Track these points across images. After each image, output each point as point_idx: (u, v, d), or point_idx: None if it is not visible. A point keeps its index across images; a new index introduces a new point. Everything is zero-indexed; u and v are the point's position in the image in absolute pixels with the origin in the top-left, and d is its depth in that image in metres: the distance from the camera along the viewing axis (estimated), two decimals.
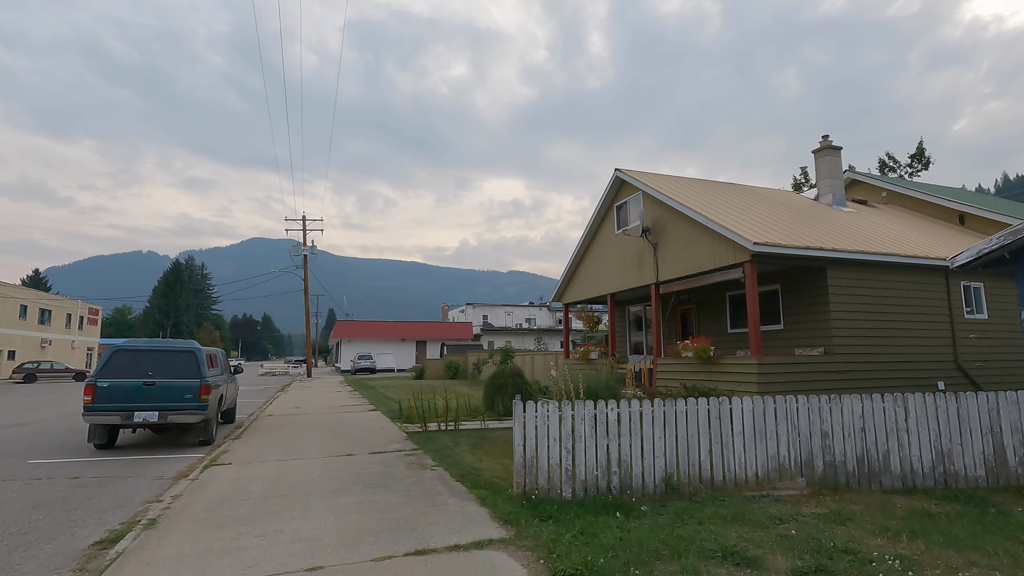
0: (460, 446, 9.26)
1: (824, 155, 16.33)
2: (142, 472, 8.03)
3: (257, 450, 9.28)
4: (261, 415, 14.97)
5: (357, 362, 46.87)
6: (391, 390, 24.68)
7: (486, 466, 7.69)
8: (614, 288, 15.35)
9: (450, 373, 35.09)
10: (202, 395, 9.75)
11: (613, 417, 5.89)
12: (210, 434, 10.27)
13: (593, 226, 16.39)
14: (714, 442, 5.99)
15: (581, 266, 17.29)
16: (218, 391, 10.69)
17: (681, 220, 12.52)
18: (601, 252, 16.10)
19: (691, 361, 11.79)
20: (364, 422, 12.98)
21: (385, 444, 9.69)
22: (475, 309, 67.57)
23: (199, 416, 9.72)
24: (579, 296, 17.46)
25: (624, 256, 14.85)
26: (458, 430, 11.22)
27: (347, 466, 7.79)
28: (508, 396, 14.30)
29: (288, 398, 20.95)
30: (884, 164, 37.90)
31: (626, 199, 14.93)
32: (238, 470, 7.66)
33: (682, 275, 12.55)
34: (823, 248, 10.89)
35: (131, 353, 9.75)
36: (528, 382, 14.94)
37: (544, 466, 5.73)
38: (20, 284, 75.40)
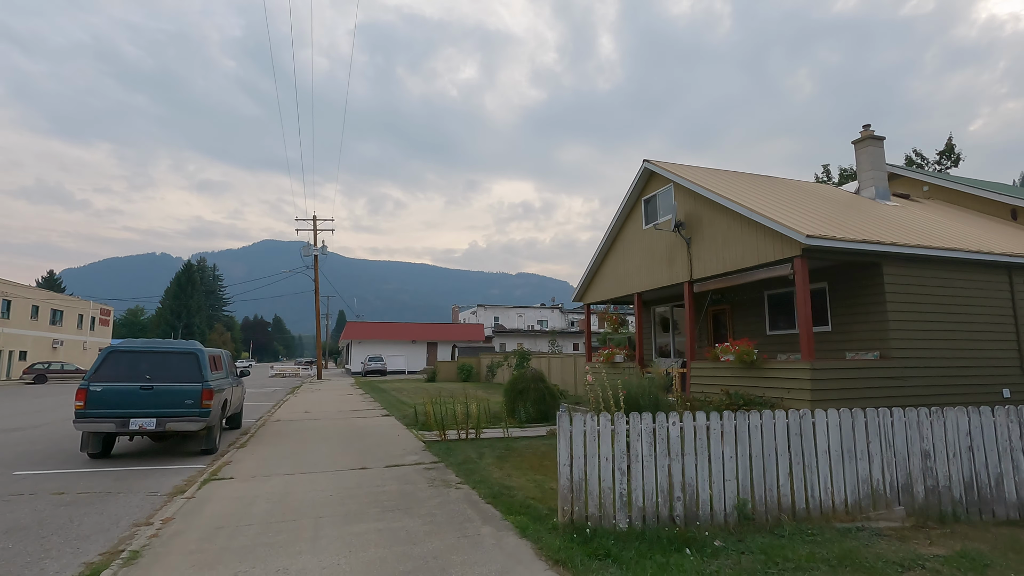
0: (485, 458, 8.40)
1: (866, 145, 15.30)
2: (135, 487, 7.25)
3: (263, 461, 8.48)
4: (269, 420, 14.21)
5: (368, 364, 46.23)
6: (403, 393, 23.90)
7: (517, 484, 6.82)
8: (642, 287, 14.43)
9: (463, 376, 34.28)
10: (204, 400, 8.97)
11: (675, 432, 5.00)
12: (213, 443, 9.49)
13: (618, 222, 15.48)
14: (794, 463, 5.07)
15: (605, 264, 16.39)
16: (222, 396, 9.92)
17: (719, 213, 11.60)
18: (627, 249, 15.19)
19: (732, 365, 10.84)
20: (378, 429, 12.16)
21: (402, 455, 8.84)
22: (486, 311, 66.78)
23: (200, 423, 8.94)
24: (602, 296, 16.55)
25: (653, 253, 13.94)
26: (480, 439, 10.36)
27: (361, 482, 6.95)
28: (530, 402, 13.45)
29: (298, 401, 20.23)
30: (911, 161, 36.62)
31: (655, 192, 14.01)
32: (240, 486, 6.85)
33: (719, 272, 11.61)
34: (880, 242, 9.91)
35: (127, 355, 8.99)
36: (550, 387, 14.06)
37: (595, 490, 4.85)
38: (35, 285, 75.78)
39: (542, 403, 13.58)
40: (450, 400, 17.19)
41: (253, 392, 27.02)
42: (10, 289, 45.28)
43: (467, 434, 10.49)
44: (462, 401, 12.69)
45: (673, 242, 13.04)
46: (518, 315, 68.08)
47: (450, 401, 16.40)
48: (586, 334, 17.67)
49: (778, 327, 12.81)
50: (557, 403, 13.92)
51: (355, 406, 17.97)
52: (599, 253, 16.40)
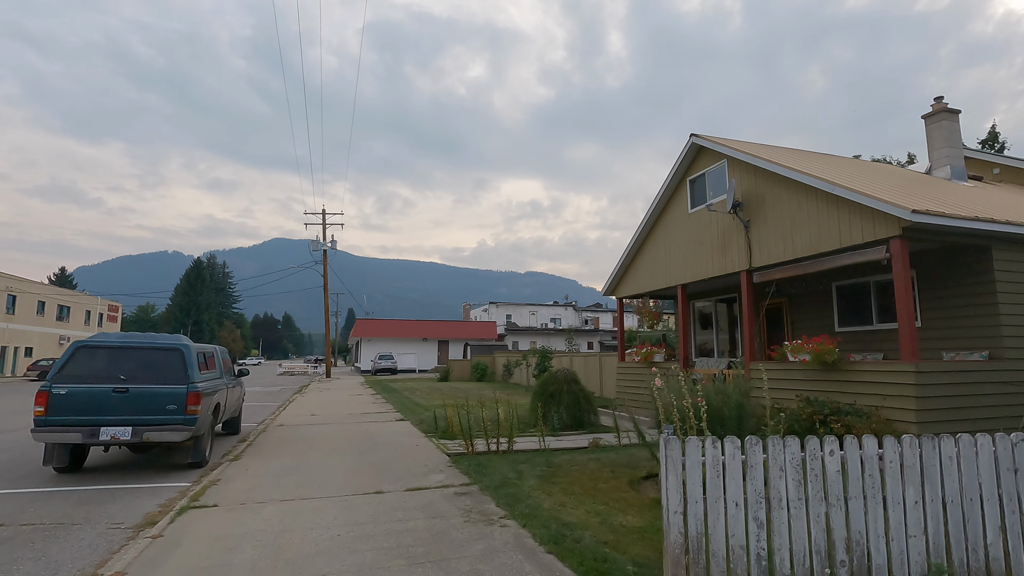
0: (525, 479, 6.90)
1: (938, 120, 13.59)
2: (96, 515, 5.82)
3: (258, 480, 7.03)
4: (272, 424, 12.81)
5: (378, 362, 44.91)
6: (416, 393, 22.47)
7: (577, 518, 5.31)
8: (687, 278, 12.84)
9: (477, 375, 32.82)
10: (189, 406, 7.54)
11: (833, 466, 3.46)
12: (202, 454, 8.06)
13: (658, 207, 13.90)
14: (1008, 510, 3.52)
15: (641, 254, 14.81)
16: (212, 400, 8.49)
17: (787, 191, 10.00)
18: (669, 237, 13.61)
19: (807, 367, 9.26)
20: (393, 437, 10.69)
21: (425, 473, 7.36)
22: (498, 308, 65.31)
23: (185, 433, 7.51)
24: (638, 289, 14.97)
25: (701, 240, 12.35)
26: (512, 451, 8.86)
27: (378, 514, 5.47)
28: (563, 406, 11.93)
29: (305, 402, 18.85)
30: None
31: (704, 171, 12.42)
32: (224, 519, 5.39)
33: (787, 259, 10.01)
34: (995, 220, 8.28)
35: (99, 350, 7.58)
36: (585, 390, 12.52)
37: (720, 550, 3.33)
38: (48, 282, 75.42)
39: (576, 408, 12.07)
40: (467, 402, 15.61)
41: (259, 392, 25.74)
42: (15, 284, 44.47)
43: (497, 445, 8.99)
44: (482, 404, 11.20)
45: (728, 226, 11.45)
46: (531, 313, 66.54)
47: (469, 403, 14.90)
48: (619, 331, 16.11)
49: (850, 323, 11.18)
50: (593, 408, 12.40)
51: (366, 408, 16.54)
52: (635, 241, 14.82)
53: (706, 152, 12.40)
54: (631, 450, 9.01)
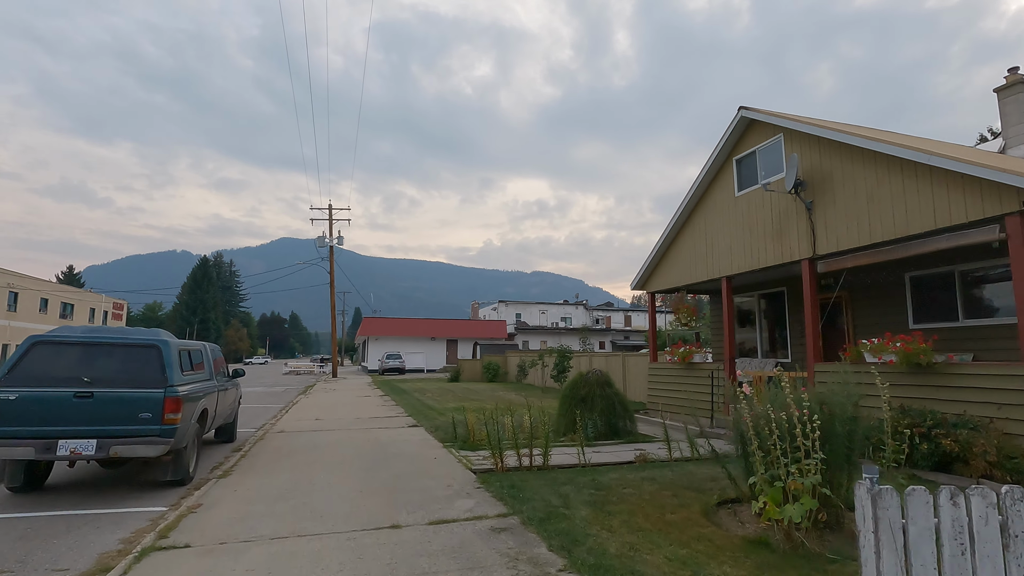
0: (575, 507, 5.59)
1: (1014, 93, 12.18)
2: (36, 558, 4.58)
3: (246, 506, 5.76)
4: (271, 430, 11.57)
5: (385, 361, 43.73)
6: (427, 395, 21.21)
7: (660, 571, 4.00)
8: (733, 269, 11.49)
9: (489, 375, 31.54)
10: (167, 413, 6.29)
11: None
12: (184, 471, 6.81)
13: (697, 192, 12.55)
14: None
15: (678, 244, 13.45)
16: (198, 405, 7.24)
17: (863, 165, 8.64)
18: (711, 223, 12.26)
19: (893, 369, 7.90)
20: (407, 447, 9.41)
21: (449, 497, 6.06)
22: (508, 307, 64.04)
23: (161, 446, 6.26)
24: (673, 282, 13.62)
25: (751, 225, 11.00)
26: (548, 467, 7.56)
27: (395, 561, 4.19)
28: (596, 412, 10.61)
29: (309, 404, 17.64)
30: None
31: (754, 148, 11.07)
32: (194, 568, 4.12)
33: (864, 244, 8.63)
34: None
35: (59, 347, 6.35)
36: (620, 394, 11.20)
37: None
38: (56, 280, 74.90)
39: (611, 414, 10.75)
40: (484, 405, 14.30)
41: (261, 392, 24.58)
42: (17, 281, 43.67)
43: (531, 460, 7.68)
44: (500, 407, 9.89)
45: (785, 209, 10.09)
46: (540, 312, 65.22)
47: (485, 407, 13.62)
48: (651, 328, 14.75)
49: (929, 318, 9.79)
50: (629, 414, 11.06)
51: (375, 412, 15.29)
52: (669, 231, 13.47)
53: (757, 127, 11.05)
54: (686, 466, 7.68)
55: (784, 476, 4.78)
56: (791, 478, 4.73)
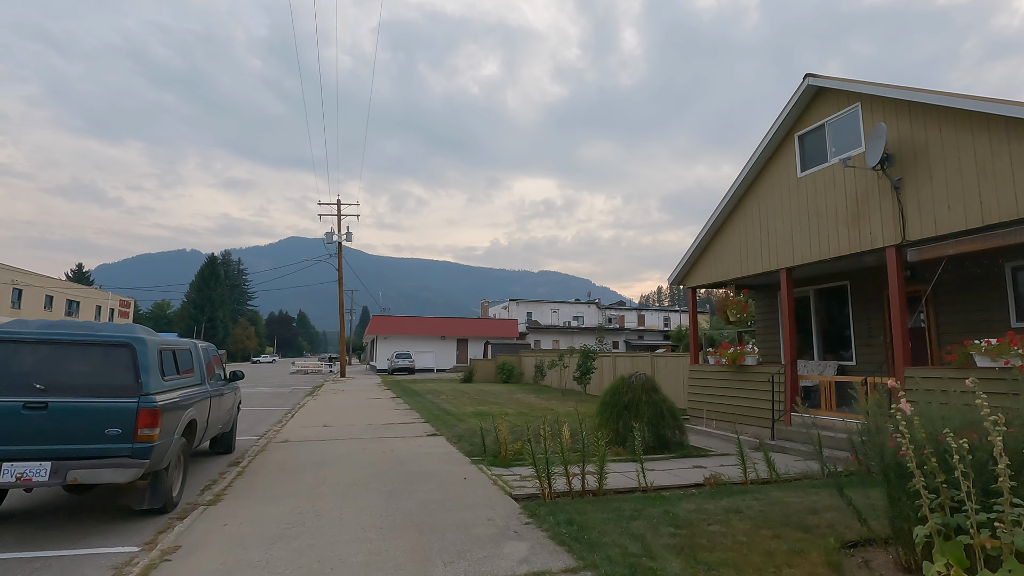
0: (658, 554, 4.30)
1: None
2: None
3: (236, 551, 4.52)
4: (275, 438, 10.36)
5: (394, 361, 42.56)
6: (442, 397, 19.97)
7: None
8: (795, 259, 10.13)
9: (503, 376, 30.28)
10: (141, 428, 5.06)
11: None
12: (163, 497, 5.57)
13: (750, 176, 11.20)
14: None
15: (725, 234, 12.10)
16: (183, 416, 6.01)
17: (969, 132, 7.27)
18: (767, 209, 10.90)
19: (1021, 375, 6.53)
20: (430, 463, 8.13)
21: (495, 539, 4.78)
22: (518, 306, 62.75)
23: (134, 469, 5.03)
24: (719, 276, 12.27)
25: (818, 209, 9.64)
26: (604, 492, 6.27)
27: None
28: (644, 422, 9.29)
29: (317, 407, 16.44)
30: None
31: (823, 121, 9.71)
32: None
33: (972, 227, 7.26)
34: None
35: (5, 346, 5.12)
36: (668, 401, 9.89)
37: None
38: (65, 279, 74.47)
39: (659, 424, 9.45)
40: (503, 409, 13.12)
41: (268, 393, 23.46)
42: (21, 278, 42.92)
43: (582, 482, 6.39)
44: (523, 412, 8.58)
45: (864, 189, 8.73)
46: (552, 311, 63.88)
47: (508, 412, 12.41)
48: (691, 327, 13.39)
49: None
50: (679, 424, 9.75)
51: (388, 416, 14.05)
52: (714, 220, 12.13)
53: (827, 97, 9.68)
54: (769, 492, 6.36)
55: (972, 527, 3.46)
56: (983, 531, 3.42)
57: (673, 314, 70.24)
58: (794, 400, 10.10)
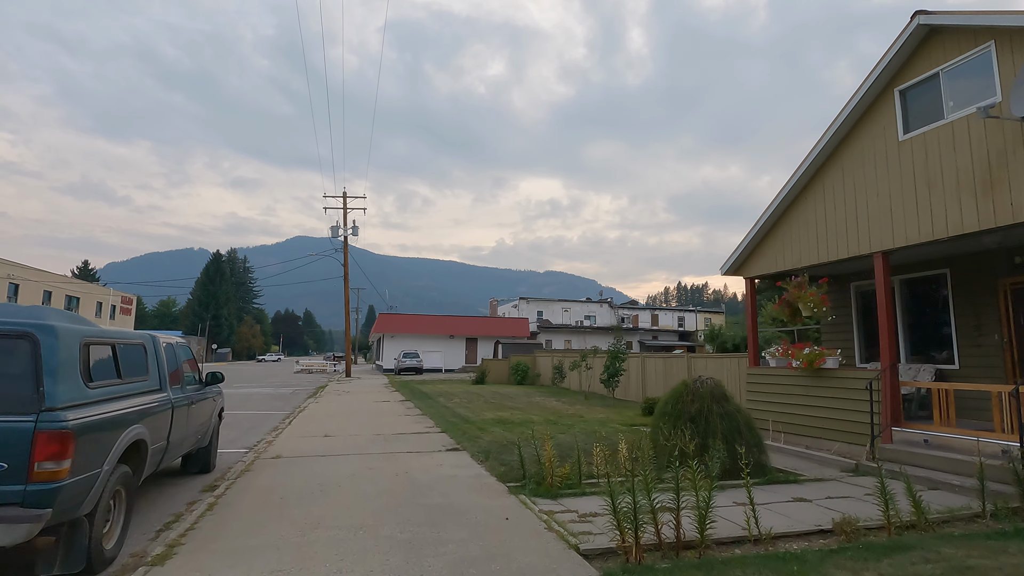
0: None
1: None
2: None
3: None
4: (265, 453, 8.67)
5: (402, 360, 40.88)
6: (455, 400, 18.25)
7: None
8: (896, 240, 8.32)
9: (517, 377, 28.54)
10: (41, 462, 3.35)
11: None
12: (81, 557, 3.84)
13: (830, 144, 9.39)
14: None
15: (793, 215, 10.30)
16: (123, 437, 4.29)
17: None
18: (853, 181, 9.10)
19: None
20: (457, 493, 6.38)
21: None
22: (529, 304, 61.00)
23: (27, 524, 3.31)
24: (788, 263, 10.46)
25: (930, 177, 7.83)
26: (706, 544, 4.51)
27: None
28: (717, 438, 7.52)
29: (319, 411, 14.76)
30: None
31: (937, 69, 7.89)
32: None
33: None
34: None
35: None
36: (744, 412, 8.10)
37: None
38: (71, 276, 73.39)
39: (735, 440, 7.64)
40: (526, 415, 11.26)
41: (267, 395, 21.83)
42: (18, 272, 41.59)
43: (677, 530, 4.63)
44: (550, 420, 6.79)
45: (1005, 146, 6.92)
46: (563, 310, 62.08)
47: (533, 419, 10.59)
48: (750, 323, 11.56)
49: None
50: (758, 442, 7.93)
51: (398, 424, 12.33)
52: (782, 199, 10.33)
53: (943, 39, 7.86)
54: (936, 546, 4.57)
55: None
56: None
57: (688, 314, 68.28)
58: (896, 412, 8.29)
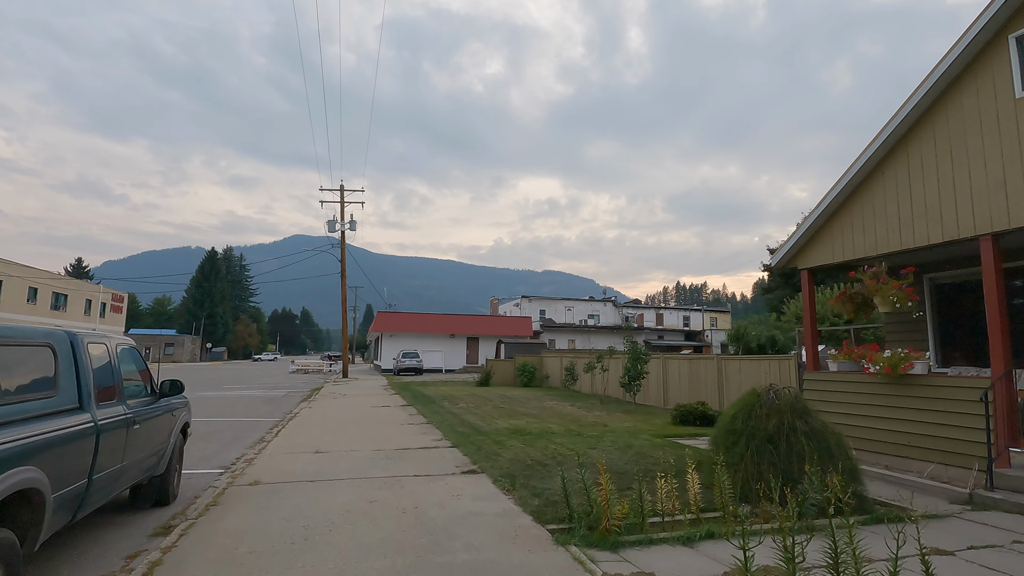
0: None
1: None
2: None
3: None
4: (242, 476, 7.13)
5: (401, 360, 39.34)
6: (461, 405, 16.72)
7: None
8: (1012, 219, 6.82)
9: (524, 379, 27.05)
10: None
11: None
12: None
13: (919, 107, 7.87)
14: None
15: (866, 194, 8.79)
16: None
17: None
18: (949, 152, 7.59)
19: None
20: (484, 543, 4.82)
21: None
22: (531, 303, 59.48)
23: None
24: (859, 250, 8.94)
25: None
26: None
27: None
28: (805, 463, 5.99)
29: (311, 419, 13.22)
30: None
31: None
32: None
33: None
34: None
35: None
36: (836, 433, 6.56)
37: None
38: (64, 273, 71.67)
39: (826, 466, 6.12)
40: (543, 424, 9.59)
41: (258, 398, 20.28)
42: (2, 268, 39.92)
43: None
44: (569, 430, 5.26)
45: None
46: (566, 308, 60.58)
47: (553, 429, 8.98)
48: (808, 320, 10.02)
49: None
50: (854, 468, 6.37)
51: (401, 435, 10.80)
52: (851, 177, 8.81)
53: None
54: None
55: None
56: None
57: (694, 313, 66.82)
58: (1014, 430, 6.79)
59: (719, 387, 14.97)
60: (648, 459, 8.42)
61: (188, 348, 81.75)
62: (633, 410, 16.03)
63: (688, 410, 12.94)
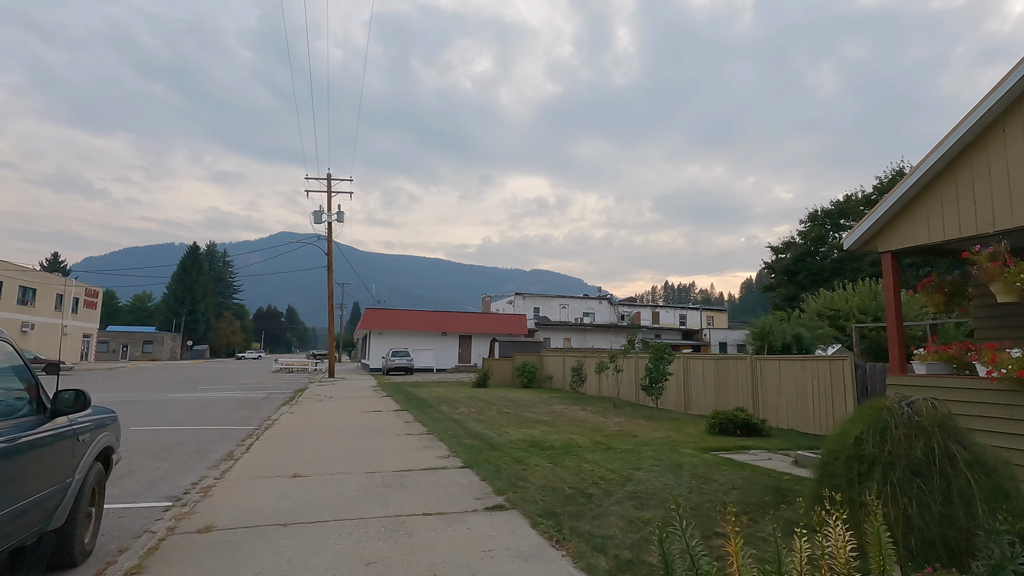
0: None
1: None
2: None
3: None
4: (189, 519, 5.29)
5: (391, 360, 37.38)
6: (461, 410, 14.92)
7: None
8: None
9: (524, 379, 25.31)
10: None
11: None
12: None
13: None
14: None
15: (976, 155, 7.13)
16: None
17: None
18: None
19: None
20: None
21: None
22: (525, 300, 57.75)
23: None
24: (961, 229, 7.27)
25: None
26: None
27: None
28: (955, 511, 4.28)
29: (291, 429, 11.33)
30: None
31: None
32: None
33: None
34: None
35: None
36: (992, 454, 4.89)
37: None
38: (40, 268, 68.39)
39: (974, 510, 4.44)
40: (564, 435, 7.91)
41: (235, 400, 18.29)
42: None
43: None
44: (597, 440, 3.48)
45: None
46: (561, 306, 58.95)
47: (576, 442, 7.17)
48: (891, 318, 8.34)
49: None
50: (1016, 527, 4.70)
51: (398, 451, 8.96)
52: (954, 144, 7.16)
53: None
54: None
55: None
56: None
57: (691, 312, 65.58)
58: None
59: (752, 391, 13.34)
60: (714, 484, 6.71)
61: (168, 346, 78.90)
62: (654, 416, 14.36)
63: (727, 418, 11.28)
